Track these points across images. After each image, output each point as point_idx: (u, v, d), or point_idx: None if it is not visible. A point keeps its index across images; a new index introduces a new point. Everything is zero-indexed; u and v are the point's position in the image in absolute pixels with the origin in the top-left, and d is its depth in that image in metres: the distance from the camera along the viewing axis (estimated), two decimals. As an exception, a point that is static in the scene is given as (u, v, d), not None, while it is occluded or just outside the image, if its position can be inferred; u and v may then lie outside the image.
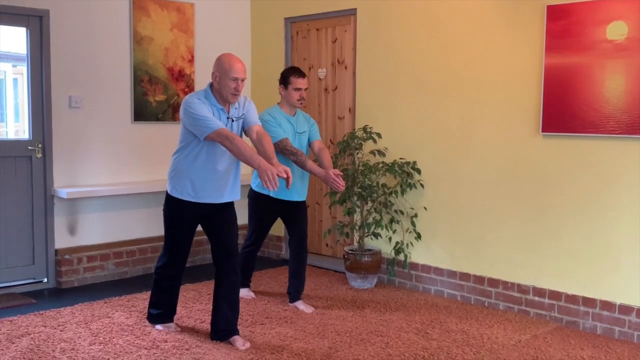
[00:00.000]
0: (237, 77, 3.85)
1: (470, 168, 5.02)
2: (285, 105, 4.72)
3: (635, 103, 4.15)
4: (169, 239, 4.16)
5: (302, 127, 4.77)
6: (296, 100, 4.67)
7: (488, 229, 4.94)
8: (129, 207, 5.77)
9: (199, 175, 3.93)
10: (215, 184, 3.96)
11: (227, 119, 3.94)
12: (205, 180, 3.94)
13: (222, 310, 4.05)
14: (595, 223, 4.39)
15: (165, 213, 4.13)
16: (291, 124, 4.68)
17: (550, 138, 4.58)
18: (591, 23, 4.30)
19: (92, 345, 4.02)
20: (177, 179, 3.99)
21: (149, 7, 5.83)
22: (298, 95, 4.66)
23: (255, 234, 4.88)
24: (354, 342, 4.13)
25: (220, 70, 3.88)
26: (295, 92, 4.65)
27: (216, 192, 3.98)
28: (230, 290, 4.07)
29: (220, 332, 4.08)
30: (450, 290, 5.18)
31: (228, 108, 3.97)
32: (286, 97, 4.69)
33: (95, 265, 5.56)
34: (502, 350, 4.06)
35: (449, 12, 5.06)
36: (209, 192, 3.96)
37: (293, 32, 6.29)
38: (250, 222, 4.90)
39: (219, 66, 3.90)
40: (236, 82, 3.85)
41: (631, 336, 4.25)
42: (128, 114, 5.79)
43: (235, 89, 3.86)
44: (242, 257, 4.86)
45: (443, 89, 5.14)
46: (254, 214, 4.83)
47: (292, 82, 4.65)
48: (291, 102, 4.69)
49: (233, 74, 3.84)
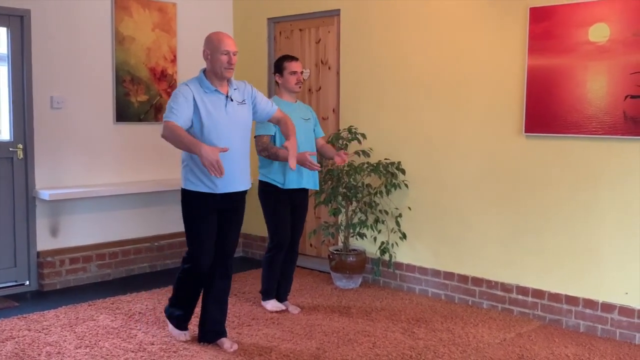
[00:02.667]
0: (229, 49, 3.78)
1: (454, 168, 5.06)
2: (285, 93, 4.65)
3: (616, 104, 4.22)
4: (193, 243, 3.93)
5: (307, 114, 4.70)
6: (294, 84, 4.60)
7: (472, 228, 4.99)
8: (111, 208, 5.72)
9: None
10: (227, 165, 3.68)
11: (225, 98, 3.83)
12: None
13: (211, 311, 4.04)
14: (578, 222, 4.46)
15: (184, 211, 3.93)
16: (296, 111, 4.59)
17: (533, 139, 4.63)
18: (573, 25, 4.36)
19: (78, 348, 3.99)
20: (188, 169, 3.85)
21: (131, 7, 5.78)
22: (295, 79, 4.60)
23: (277, 234, 4.60)
24: (341, 343, 4.14)
25: (211, 47, 3.81)
26: (292, 76, 4.59)
27: (230, 175, 3.76)
28: (221, 292, 4.05)
29: (208, 333, 4.07)
30: (434, 290, 5.22)
31: (226, 89, 3.87)
32: (284, 84, 4.62)
33: (78, 267, 5.51)
34: (487, 349, 4.11)
35: (432, 13, 5.10)
36: (221, 179, 3.74)
37: (276, 33, 6.29)
38: (268, 222, 4.65)
39: (208, 43, 3.83)
40: (228, 55, 3.78)
41: (614, 334, 4.33)
42: (110, 114, 5.74)
43: (228, 63, 3.78)
44: (264, 264, 4.70)
45: (427, 90, 5.17)
46: (269, 208, 4.61)
47: (287, 66, 4.59)
48: (290, 88, 4.62)
49: (224, 47, 3.77)
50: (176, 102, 3.73)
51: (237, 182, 3.89)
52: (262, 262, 4.74)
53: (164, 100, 6.03)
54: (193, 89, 3.79)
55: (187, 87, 3.80)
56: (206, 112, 3.77)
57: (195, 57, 6.18)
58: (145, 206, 5.96)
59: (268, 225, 4.67)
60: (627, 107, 4.18)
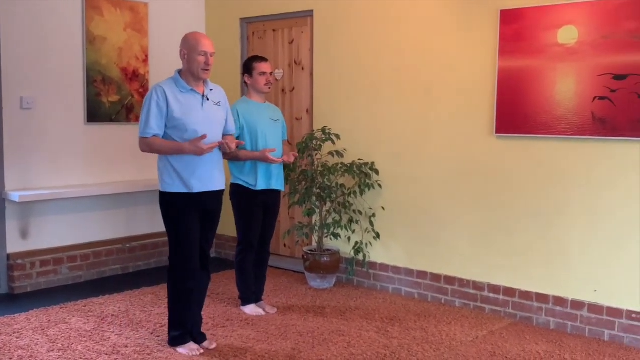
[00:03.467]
0: (206, 50, 3.77)
1: (427, 168, 5.11)
2: (254, 94, 4.65)
3: (585, 105, 4.30)
4: (179, 244, 3.87)
5: (275, 115, 4.73)
6: (264, 85, 4.60)
7: (444, 227, 5.04)
8: (82, 210, 5.66)
9: (184, 162, 3.77)
10: (202, 165, 3.78)
11: (202, 97, 3.84)
12: (188, 166, 3.77)
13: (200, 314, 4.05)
14: (548, 221, 4.54)
15: (166, 214, 3.89)
16: (264, 111, 4.62)
17: (504, 139, 4.70)
18: (543, 27, 4.43)
19: (51, 352, 3.95)
20: (164, 171, 3.83)
21: (102, 7, 5.73)
22: (265, 80, 4.59)
23: (246, 234, 4.62)
24: (316, 343, 4.16)
25: (188, 47, 3.79)
26: (261, 77, 4.59)
27: (208, 174, 3.82)
28: (203, 292, 4.08)
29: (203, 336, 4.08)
30: (407, 289, 5.26)
31: (202, 88, 3.86)
32: (253, 85, 4.61)
33: (49, 269, 5.45)
34: (460, 346, 4.16)
35: (405, 14, 5.14)
36: (199, 177, 3.79)
37: (249, 33, 6.28)
38: (239, 222, 4.66)
39: (186, 43, 3.81)
40: (205, 56, 3.77)
41: (583, 330, 4.41)
42: (81, 115, 5.68)
43: (205, 64, 3.77)
44: (237, 268, 4.70)
45: (400, 91, 5.21)
46: (239, 210, 4.62)
47: (256, 67, 4.58)
48: (259, 89, 4.61)
49: (201, 47, 3.76)
50: (149, 113, 3.73)
51: (214, 182, 3.90)
52: (235, 267, 4.74)
53: (136, 101, 5.99)
54: (167, 90, 3.78)
55: (160, 89, 3.78)
56: (182, 111, 3.76)
57: (168, 57, 6.18)
58: (116, 207, 5.91)
59: (238, 225, 4.68)
60: (595, 108, 4.26)
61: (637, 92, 4.10)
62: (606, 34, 4.19)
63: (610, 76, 4.19)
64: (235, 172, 4.60)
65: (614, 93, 4.18)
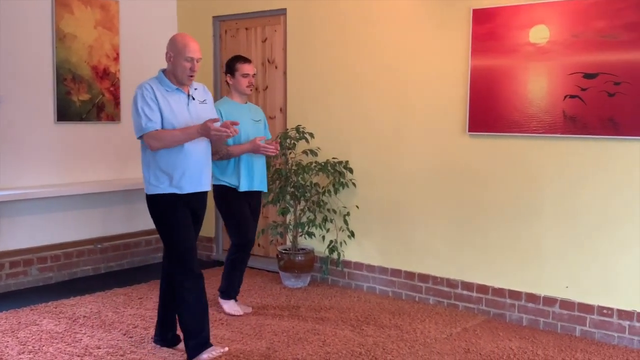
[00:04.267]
0: (193, 56, 3.66)
1: (401, 167, 5.13)
2: (235, 95, 4.61)
3: (556, 104, 4.35)
4: (178, 244, 3.73)
5: (258, 115, 4.70)
6: (245, 87, 4.56)
7: (418, 226, 5.06)
8: (52, 210, 5.57)
9: (172, 163, 3.66)
10: (191, 166, 3.69)
11: (187, 97, 3.76)
12: (179, 163, 3.67)
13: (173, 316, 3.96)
14: (520, 219, 4.58)
15: (159, 218, 3.75)
16: (246, 112, 4.58)
17: (477, 137, 4.74)
18: (515, 26, 4.48)
19: (21, 354, 3.88)
20: (151, 173, 3.70)
21: (72, 4, 5.64)
22: (247, 82, 4.56)
23: (240, 232, 4.54)
24: (291, 342, 4.15)
25: (175, 50, 3.68)
26: (244, 78, 4.55)
27: (196, 176, 3.73)
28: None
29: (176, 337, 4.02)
30: (382, 287, 5.28)
31: (187, 88, 3.78)
32: (235, 86, 4.58)
33: (19, 270, 5.35)
34: (435, 344, 4.18)
35: (378, 13, 5.15)
36: (187, 179, 3.69)
37: (222, 31, 6.24)
38: (230, 223, 4.59)
39: (172, 46, 3.70)
40: (192, 62, 3.67)
41: (555, 326, 4.46)
42: (51, 113, 5.59)
43: (191, 70, 3.67)
44: (228, 264, 4.64)
45: (373, 89, 5.22)
46: (229, 209, 4.55)
47: (239, 68, 4.55)
48: (241, 90, 4.58)
49: (188, 53, 3.65)
50: (144, 110, 3.61)
51: (202, 182, 3.80)
52: (226, 262, 4.67)
53: (107, 99, 5.92)
54: (154, 88, 3.68)
55: (148, 86, 3.68)
56: (169, 110, 3.68)
57: (139, 55, 6.13)
58: (87, 207, 5.83)
59: (230, 226, 4.60)
60: (566, 106, 4.32)
61: (607, 90, 4.16)
62: (576, 33, 4.25)
63: (581, 75, 4.25)
64: (217, 173, 4.54)
65: (585, 92, 4.24)
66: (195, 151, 3.72)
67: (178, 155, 3.68)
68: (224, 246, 6.39)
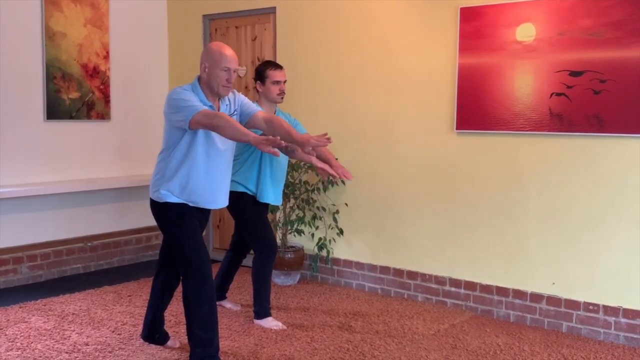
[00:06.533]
0: (229, 67, 3.50)
1: (389, 165, 5.15)
2: (265, 103, 4.33)
3: (542, 101, 4.39)
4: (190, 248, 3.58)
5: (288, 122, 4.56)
6: (276, 95, 4.30)
7: (406, 223, 5.09)
8: (42, 208, 5.57)
9: (192, 177, 3.53)
10: (209, 186, 3.57)
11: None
12: (198, 182, 3.54)
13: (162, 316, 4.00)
14: (507, 216, 4.61)
15: (170, 225, 3.62)
16: None
17: (464, 135, 4.76)
18: (502, 25, 4.50)
19: (10, 351, 3.88)
20: (164, 182, 3.57)
21: (61, 2, 5.64)
22: (278, 90, 4.29)
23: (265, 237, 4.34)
24: (279, 338, 4.17)
25: (210, 60, 3.52)
26: (274, 85, 4.28)
27: (210, 195, 3.60)
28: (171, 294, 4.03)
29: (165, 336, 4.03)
30: (371, 284, 5.30)
31: (218, 104, 3.61)
32: (265, 93, 4.31)
33: (8, 269, 5.35)
34: (422, 340, 4.20)
35: (367, 12, 5.18)
36: (201, 196, 3.57)
37: (212, 30, 6.25)
38: (252, 230, 4.34)
39: (208, 56, 3.54)
40: (228, 72, 3.51)
41: (542, 322, 4.50)
42: (40, 112, 5.59)
43: (227, 81, 3.51)
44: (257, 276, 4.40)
45: (362, 88, 5.25)
46: (250, 215, 4.31)
47: (270, 75, 4.28)
48: (271, 98, 4.32)
49: (225, 63, 3.50)
50: (188, 100, 3.42)
51: (218, 200, 3.68)
52: (254, 276, 4.40)
53: (97, 98, 5.92)
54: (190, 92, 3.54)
55: (188, 87, 3.56)
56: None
57: (129, 53, 6.13)
58: (77, 205, 5.83)
59: (251, 232, 4.37)
60: (552, 104, 4.35)
61: (593, 88, 4.19)
62: (562, 31, 4.28)
63: (567, 73, 4.28)
64: (238, 179, 4.28)
65: (571, 89, 4.27)
66: (217, 170, 3.59)
67: (198, 176, 3.54)
68: (214, 244, 6.41)
